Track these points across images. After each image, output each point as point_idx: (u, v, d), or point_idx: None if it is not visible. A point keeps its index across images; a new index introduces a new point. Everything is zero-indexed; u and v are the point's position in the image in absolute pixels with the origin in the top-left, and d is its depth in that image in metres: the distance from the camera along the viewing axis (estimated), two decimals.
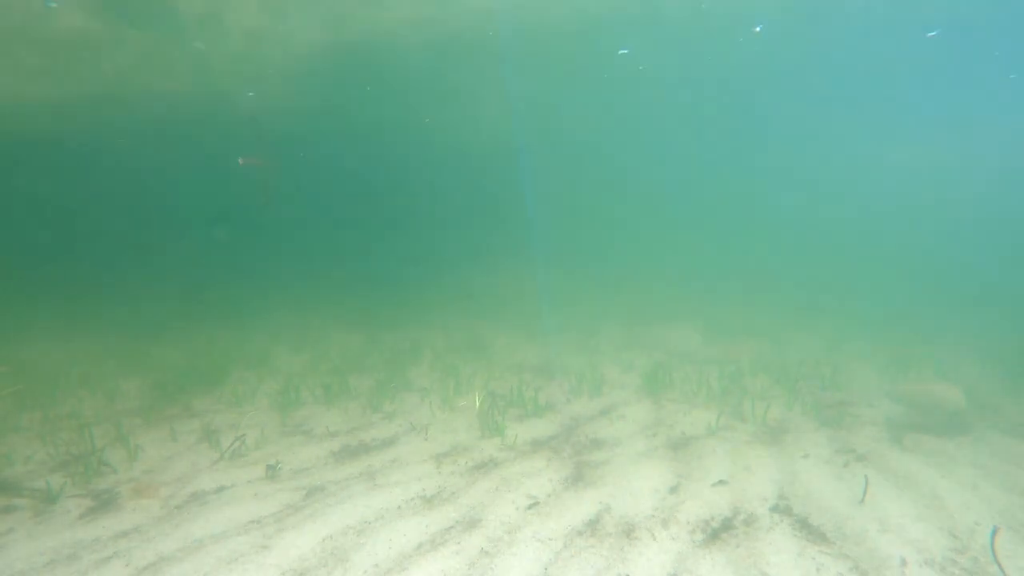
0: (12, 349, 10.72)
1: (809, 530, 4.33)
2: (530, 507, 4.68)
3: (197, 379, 8.57)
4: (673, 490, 5.05)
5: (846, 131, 24.42)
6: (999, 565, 3.77)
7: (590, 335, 12.94)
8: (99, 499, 4.83)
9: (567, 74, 15.95)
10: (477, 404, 7.53)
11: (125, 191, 30.22)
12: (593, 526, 4.41)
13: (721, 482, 5.18)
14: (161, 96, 14.87)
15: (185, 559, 3.84)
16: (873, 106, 20.46)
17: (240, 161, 12.01)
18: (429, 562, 3.83)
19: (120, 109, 15.72)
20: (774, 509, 4.67)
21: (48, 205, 30.94)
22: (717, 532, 4.30)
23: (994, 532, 4.10)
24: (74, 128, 17.47)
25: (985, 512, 4.60)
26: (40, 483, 5.09)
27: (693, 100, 19.50)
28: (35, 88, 13.55)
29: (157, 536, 4.17)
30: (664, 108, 20.38)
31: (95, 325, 13.42)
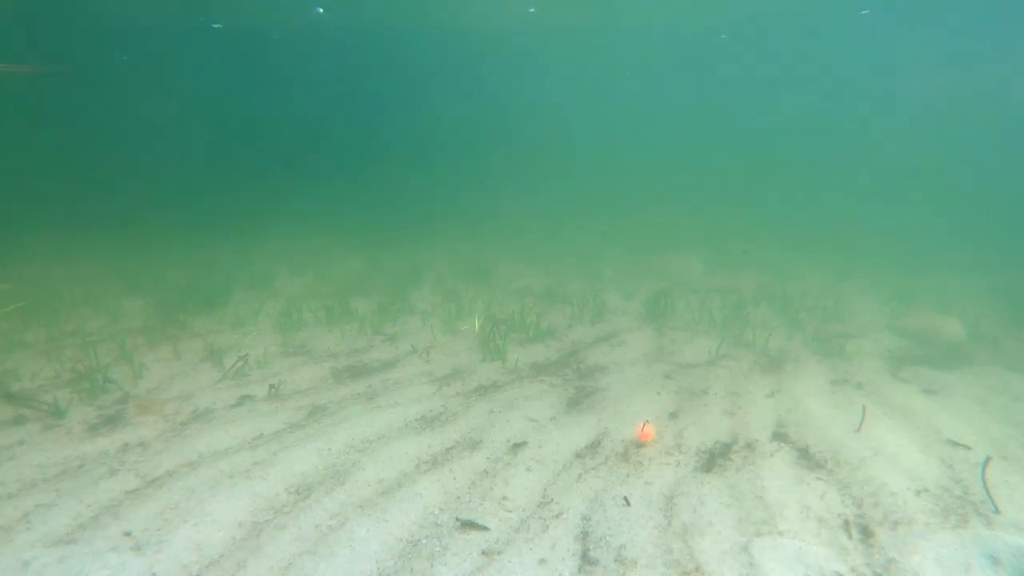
0: (13, 268, 10.67)
1: (807, 457, 4.40)
2: (530, 430, 4.74)
3: (199, 299, 8.56)
4: (673, 416, 5.11)
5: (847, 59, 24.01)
6: (989, 494, 3.84)
7: (592, 262, 12.86)
8: (105, 415, 4.89)
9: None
10: (478, 328, 7.54)
11: (127, 111, 29.43)
12: (592, 449, 4.48)
13: (723, 410, 5.24)
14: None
15: (191, 473, 3.91)
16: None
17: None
18: (430, 480, 3.90)
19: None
20: (773, 436, 4.73)
21: (49, 124, 30.20)
22: (716, 457, 4.37)
23: (986, 462, 4.15)
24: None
25: (979, 443, 4.66)
26: (48, 398, 5.14)
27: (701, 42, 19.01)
28: None
29: (163, 451, 4.25)
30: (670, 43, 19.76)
31: (95, 245, 13.31)
